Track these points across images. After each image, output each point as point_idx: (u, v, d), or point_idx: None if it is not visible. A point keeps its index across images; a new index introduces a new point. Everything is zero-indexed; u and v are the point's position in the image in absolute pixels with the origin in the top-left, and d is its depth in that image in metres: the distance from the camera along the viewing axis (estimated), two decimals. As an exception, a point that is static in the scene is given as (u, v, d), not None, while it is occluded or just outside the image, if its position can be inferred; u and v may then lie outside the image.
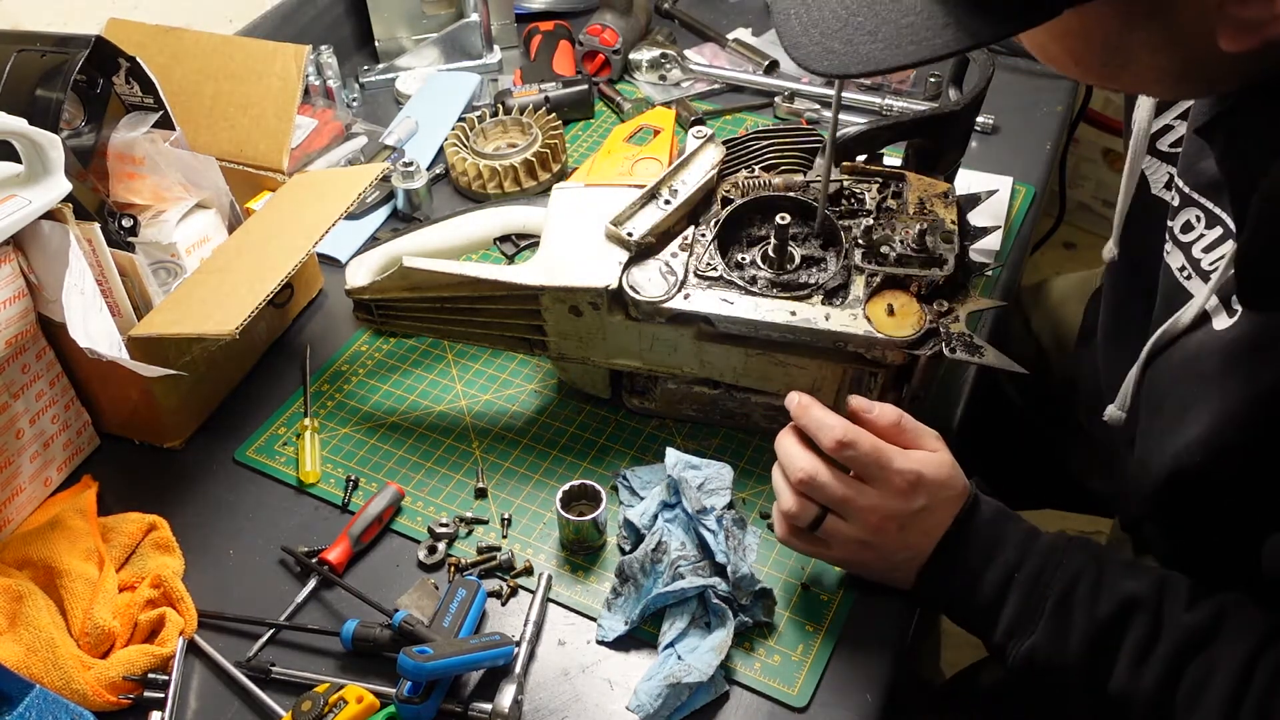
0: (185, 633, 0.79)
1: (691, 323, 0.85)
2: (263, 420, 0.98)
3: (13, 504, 0.88)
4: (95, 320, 0.81)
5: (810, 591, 0.82)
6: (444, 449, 0.94)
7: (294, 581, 0.85)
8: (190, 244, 0.98)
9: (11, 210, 0.78)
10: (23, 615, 0.76)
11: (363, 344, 1.05)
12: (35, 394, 0.88)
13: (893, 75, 1.36)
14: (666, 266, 0.85)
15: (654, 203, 0.87)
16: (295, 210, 0.95)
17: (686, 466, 0.82)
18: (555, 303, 0.86)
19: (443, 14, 1.46)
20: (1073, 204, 2.40)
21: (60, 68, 0.87)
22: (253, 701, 0.77)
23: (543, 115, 1.26)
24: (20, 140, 0.78)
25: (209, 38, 1.07)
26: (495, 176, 1.20)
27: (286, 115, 1.04)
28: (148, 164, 0.97)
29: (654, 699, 0.73)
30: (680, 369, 0.89)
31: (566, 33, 1.48)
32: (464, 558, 0.85)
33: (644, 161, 0.99)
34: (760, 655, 0.78)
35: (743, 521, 0.83)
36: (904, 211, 0.88)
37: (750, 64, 1.42)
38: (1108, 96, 2.15)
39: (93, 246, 0.85)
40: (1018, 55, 1.40)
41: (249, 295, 0.83)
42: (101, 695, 0.74)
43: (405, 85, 1.40)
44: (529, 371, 1.01)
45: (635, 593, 0.80)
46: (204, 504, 0.91)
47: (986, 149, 1.28)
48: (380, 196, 1.21)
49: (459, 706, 0.75)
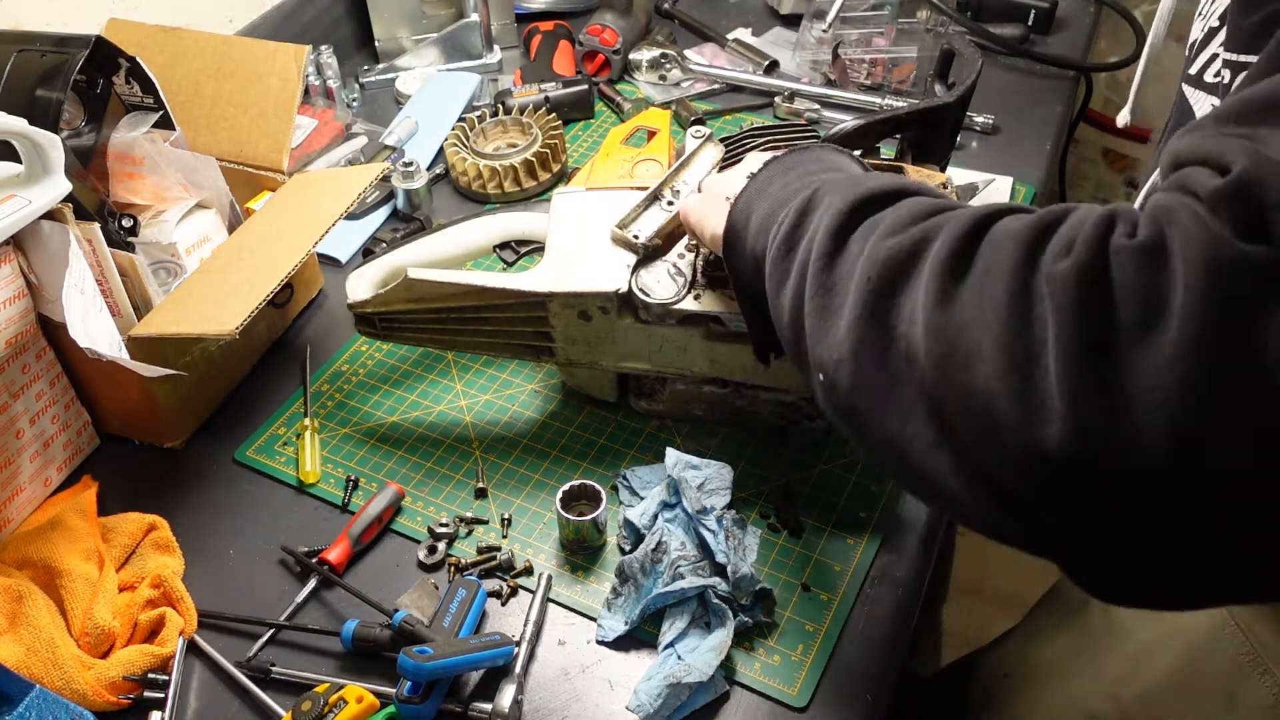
0: (185, 633, 0.79)
1: (702, 323, 0.85)
2: (263, 420, 0.98)
3: (13, 504, 0.88)
4: (95, 320, 0.81)
5: (810, 591, 0.82)
6: (444, 449, 0.94)
7: (294, 581, 0.85)
8: (190, 244, 0.99)
9: (11, 210, 0.78)
10: (23, 615, 0.76)
11: (363, 344, 1.05)
12: (35, 394, 0.88)
13: (892, 74, 1.36)
14: (675, 268, 0.85)
15: (657, 204, 0.87)
16: (295, 210, 0.95)
17: (686, 466, 0.82)
18: (564, 308, 0.86)
19: (443, 14, 1.47)
20: (1073, 204, 2.40)
21: (60, 68, 0.87)
22: (253, 701, 0.77)
23: (543, 115, 1.26)
24: (20, 140, 0.78)
25: (209, 38, 1.07)
26: (495, 176, 1.20)
27: (286, 115, 1.04)
28: (148, 164, 0.97)
29: (654, 699, 0.73)
30: (690, 369, 0.89)
31: (566, 33, 1.48)
32: (464, 558, 0.85)
33: (644, 163, 0.99)
34: (760, 655, 0.78)
35: (743, 521, 0.83)
36: None
37: (750, 64, 1.42)
38: (1108, 96, 2.15)
39: (93, 246, 0.85)
40: (1017, 55, 1.40)
41: (249, 295, 0.83)
42: (101, 695, 0.74)
43: (405, 85, 1.40)
44: (529, 372, 1.01)
45: (635, 593, 0.80)
46: (204, 504, 0.91)
47: (986, 149, 1.28)
48: (380, 196, 1.21)
49: (459, 706, 0.75)
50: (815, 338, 0.55)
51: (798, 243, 0.60)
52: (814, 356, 0.55)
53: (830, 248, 0.55)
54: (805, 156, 0.71)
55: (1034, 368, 0.42)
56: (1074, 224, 0.45)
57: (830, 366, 0.53)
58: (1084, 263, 0.42)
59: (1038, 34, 1.47)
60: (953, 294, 0.46)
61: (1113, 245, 0.42)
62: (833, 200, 0.58)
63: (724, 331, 0.85)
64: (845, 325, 0.52)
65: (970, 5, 1.44)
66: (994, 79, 1.39)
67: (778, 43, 1.48)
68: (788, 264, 0.60)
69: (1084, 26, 1.51)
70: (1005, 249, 0.45)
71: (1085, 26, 1.51)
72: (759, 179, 0.70)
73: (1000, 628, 1.06)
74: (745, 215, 0.69)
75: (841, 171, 0.68)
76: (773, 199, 0.67)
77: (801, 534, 0.86)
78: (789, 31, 1.51)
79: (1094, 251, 0.42)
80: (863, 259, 0.52)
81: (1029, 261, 0.44)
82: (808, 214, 0.60)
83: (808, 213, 0.60)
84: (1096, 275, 0.41)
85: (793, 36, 1.47)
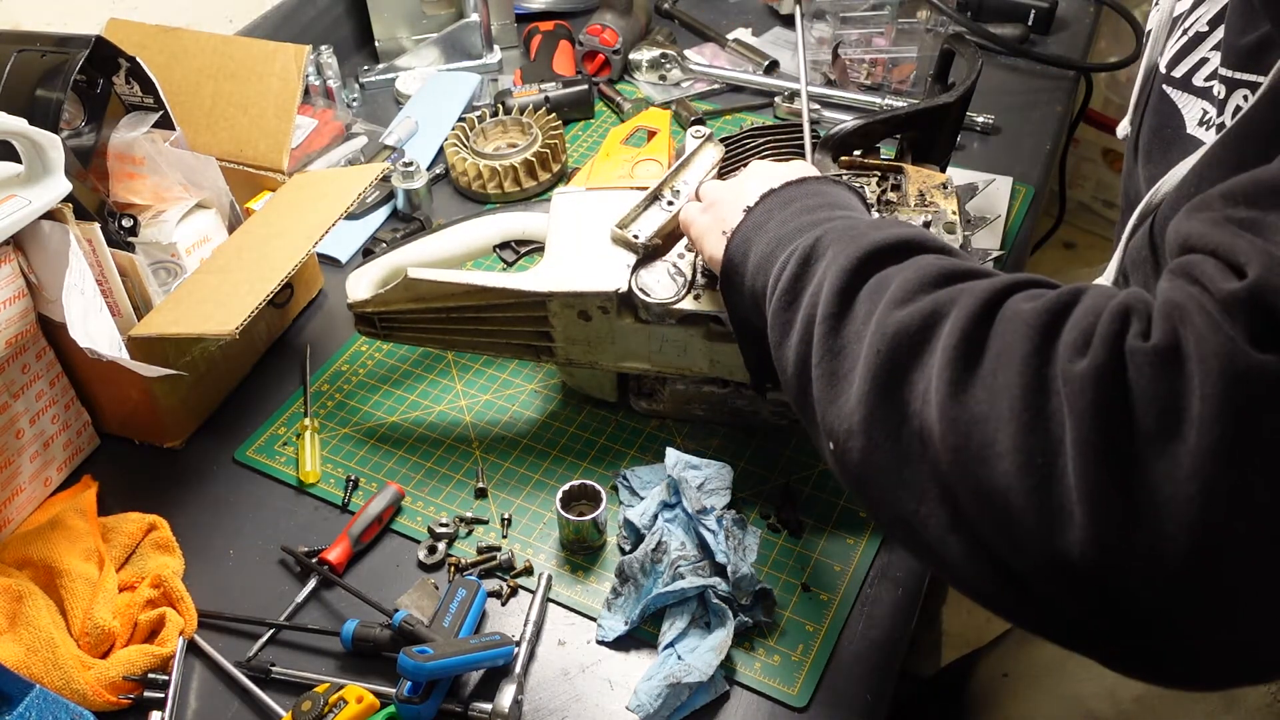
0: (185, 633, 0.79)
1: (702, 323, 0.85)
2: (263, 420, 0.98)
3: (13, 504, 0.88)
4: (95, 320, 0.81)
5: (810, 591, 0.82)
6: (444, 449, 0.94)
7: (294, 581, 0.85)
8: (190, 244, 0.98)
9: (11, 210, 0.78)
10: (23, 615, 0.76)
11: (363, 344, 1.05)
12: (35, 394, 0.88)
13: (892, 74, 1.36)
14: (674, 268, 0.85)
15: (657, 204, 0.87)
16: (295, 210, 0.95)
17: (686, 466, 0.82)
18: (564, 308, 0.86)
19: (443, 14, 1.46)
20: (1073, 204, 2.41)
21: (60, 68, 0.87)
22: (253, 701, 0.77)
23: (543, 115, 1.26)
24: (20, 140, 0.78)
25: (209, 38, 1.07)
26: (495, 176, 1.20)
27: (286, 115, 1.04)
28: (148, 164, 0.97)
29: (654, 699, 0.73)
30: (690, 369, 0.89)
31: (566, 33, 1.48)
32: (464, 558, 0.85)
33: (644, 163, 0.99)
34: (760, 655, 0.78)
35: (743, 521, 0.83)
36: (904, 204, 0.88)
37: (750, 64, 1.42)
38: (1108, 96, 2.15)
39: (93, 246, 0.85)
40: (1018, 55, 1.40)
41: (249, 295, 0.83)
42: (101, 695, 0.74)
43: (405, 85, 1.40)
44: (529, 372, 1.01)
45: (635, 593, 0.80)
46: (204, 504, 0.91)
47: (986, 149, 1.28)
48: (380, 196, 1.21)
49: (459, 706, 0.75)
50: (824, 403, 0.55)
51: (800, 294, 0.59)
52: (824, 423, 0.55)
53: (836, 308, 0.55)
54: (803, 190, 0.70)
55: (1051, 468, 0.42)
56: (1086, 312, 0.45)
57: (841, 437, 0.53)
58: (1101, 365, 0.42)
59: (1038, 34, 1.47)
60: (966, 382, 0.46)
61: (1129, 347, 0.42)
62: (837, 254, 0.58)
63: (724, 331, 0.85)
64: (856, 396, 0.51)
65: (970, 5, 1.44)
66: (994, 79, 1.39)
67: (778, 43, 1.48)
68: (790, 315, 0.60)
69: (1084, 26, 1.51)
70: (1017, 335, 0.45)
71: (1085, 26, 1.51)
72: (756, 213, 0.70)
73: (1000, 628, 1.07)
74: (743, 250, 0.69)
75: (840, 210, 0.67)
76: (771, 237, 0.66)
77: (801, 534, 0.86)
78: (789, 31, 1.51)
79: (1110, 352, 0.42)
80: (871, 328, 0.52)
81: (1042, 351, 0.44)
82: (810, 263, 0.60)
83: (810, 262, 0.60)
84: (1114, 378, 0.42)
85: (793, 36, 1.47)
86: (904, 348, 0.50)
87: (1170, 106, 0.75)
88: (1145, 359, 0.41)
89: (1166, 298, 0.43)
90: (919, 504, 0.48)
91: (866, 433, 0.51)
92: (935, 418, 0.47)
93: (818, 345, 0.56)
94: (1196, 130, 0.75)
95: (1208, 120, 0.71)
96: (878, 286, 0.54)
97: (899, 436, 0.49)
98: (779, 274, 0.62)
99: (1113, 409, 0.41)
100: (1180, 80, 0.75)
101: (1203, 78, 0.74)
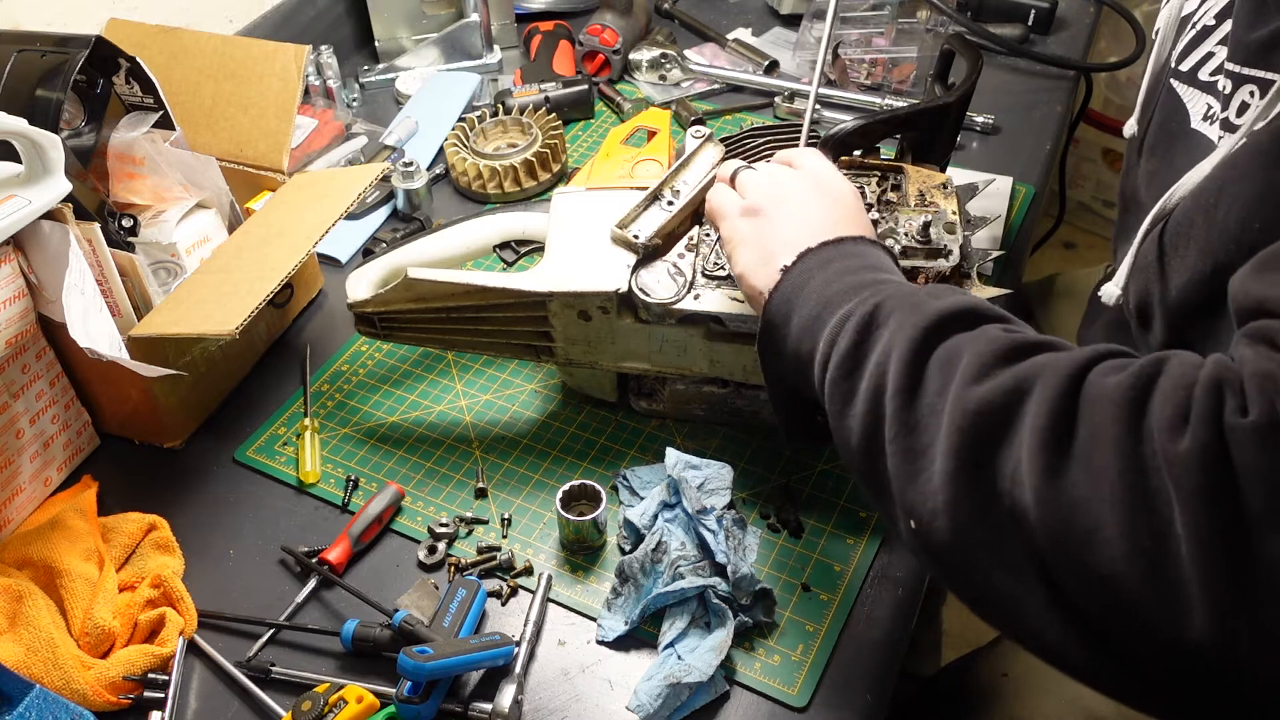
0: (185, 633, 0.79)
1: (701, 323, 0.85)
2: (263, 420, 0.98)
3: (13, 504, 0.88)
4: (95, 320, 0.81)
5: (810, 591, 0.82)
6: (444, 449, 0.94)
7: (294, 581, 0.85)
8: (190, 244, 0.99)
9: (11, 210, 0.78)
10: (23, 615, 0.76)
11: (363, 344, 1.05)
12: (35, 394, 0.88)
13: (892, 74, 1.36)
14: (674, 268, 0.85)
15: (657, 204, 0.87)
16: (295, 210, 0.95)
17: (686, 466, 0.82)
18: (564, 308, 0.86)
19: (443, 14, 1.47)
20: (1073, 204, 2.41)
21: (60, 68, 0.87)
22: (253, 701, 0.77)
23: (543, 115, 1.26)
24: (20, 140, 0.78)
25: (209, 38, 1.07)
26: (495, 176, 1.20)
27: (286, 115, 1.04)
28: (148, 164, 0.97)
29: (654, 699, 0.73)
30: (690, 369, 0.89)
31: (566, 33, 1.48)
32: (464, 558, 0.85)
33: (644, 163, 0.99)
34: (760, 655, 0.78)
35: (743, 521, 0.83)
36: (905, 204, 0.88)
37: (750, 64, 1.42)
38: (1108, 96, 2.15)
39: (93, 246, 0.85)
40: (1018, 55, 1.40)
41: (249, 295, 0.83)
42: (101, 695, 0.74)
43: (405, 85, 1.40)
44: (529, 372, 1.01)
45: (635, 593, 0.80)
46: (204, 504, 0.91)
47: (986, 149, 1.28)
48: (380, 196, 1.21)
49: (459, 706, 0.75)
50: (902, 480, 0.54)
51: (863, 362, 0.58)
52: (902, 502, 0.54)
53: (907, 381, 0.54)
54: (840, 251, 0.69)
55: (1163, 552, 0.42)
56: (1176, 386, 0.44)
57: (925, 516, 0.52)
58: (1204, 445, 0.42)
59: (1038, 34, 1.47)
60: (1059, 466, 0.46)
61: (1227, 424, 0.42)
62: (902, 322, 0.57)
63: (724, 331, 0.85)
64: (940, 476, 0.50)
65: (970, 5, 1.44)
66: (994, 79, 1.39)
67: (778, 43, 1.48)
68: (852, 384, 0.58)
69: (1084, 26, 1.51)
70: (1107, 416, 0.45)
71: (1085, 26, 1.51)
72: (795, 274, 0.68)
73: (1000, 628, 1.06)
74: (784, 312, 0.67)
75: (882, 272, 0.66)
76: (816, 299, 0.65)
77: (801, 534, 0.86)
78: (789, 31, 1.51)
79: (1211, 431, 0.42)
80: (950, 405, 0.51)
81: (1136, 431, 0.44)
82: (871, 330, 0.59)
83: (870, 329, 0.59)
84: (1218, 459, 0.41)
85: (793, 36, 1.47)
86: (988, 427, 0.49)
87: (1176, 100, 0.74)
88: (1247, 436, 0.41)
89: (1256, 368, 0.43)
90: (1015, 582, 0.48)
91: (953, 513, 0.50)
92: (1031, 501, 0.46)
93: (891, 420, 0.54)
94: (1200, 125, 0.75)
95: (1212, 115, 0.70)
96: (948, 358, 0.53)
97: (988, 516, 0.48)
98: (832, 339, 0.61)
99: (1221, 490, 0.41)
100: (1186, 75, 0.74)
101: (1208, 72, 0.73)
